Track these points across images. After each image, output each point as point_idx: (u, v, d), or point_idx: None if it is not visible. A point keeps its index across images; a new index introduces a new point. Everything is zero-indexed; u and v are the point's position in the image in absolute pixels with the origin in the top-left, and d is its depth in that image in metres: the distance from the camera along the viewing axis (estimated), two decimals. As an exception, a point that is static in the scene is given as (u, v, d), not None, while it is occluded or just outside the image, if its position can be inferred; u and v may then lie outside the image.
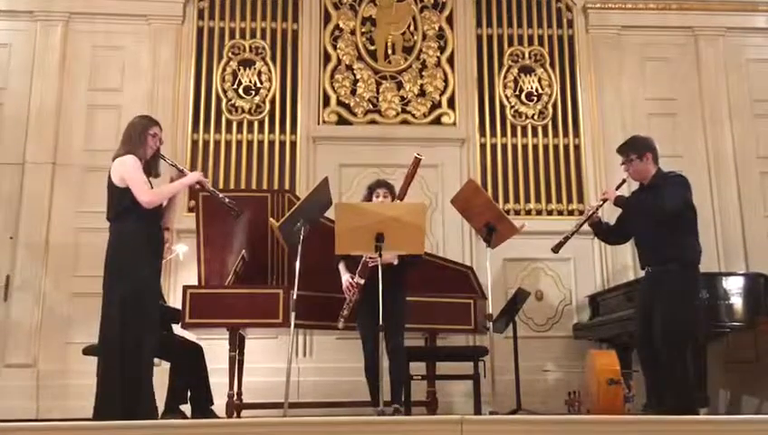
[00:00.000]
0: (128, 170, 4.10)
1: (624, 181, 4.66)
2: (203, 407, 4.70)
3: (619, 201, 4.57)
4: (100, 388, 4.00)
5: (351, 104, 6.72)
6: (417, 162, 4.60)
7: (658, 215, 4.37)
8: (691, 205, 4.48)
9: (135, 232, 4.09)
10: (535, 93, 6.87)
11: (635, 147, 4.57)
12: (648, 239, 4.51)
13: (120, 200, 4.11)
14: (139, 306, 3.99)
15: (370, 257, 4.38)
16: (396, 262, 4.51)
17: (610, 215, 5.18)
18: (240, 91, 6.68)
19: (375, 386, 4.24)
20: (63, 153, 6.40)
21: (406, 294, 4.61)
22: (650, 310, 4.39)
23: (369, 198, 4.69)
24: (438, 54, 6.87)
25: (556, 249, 4.77)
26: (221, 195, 4.38)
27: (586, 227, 4.84)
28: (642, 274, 4.71)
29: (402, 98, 6.77)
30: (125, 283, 4.01)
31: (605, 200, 4.65)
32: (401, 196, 4.63)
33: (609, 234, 4.87)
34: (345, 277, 4.55)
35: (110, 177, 4.17)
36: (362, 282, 4.41)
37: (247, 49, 6.77)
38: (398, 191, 4.67)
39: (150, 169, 4.29)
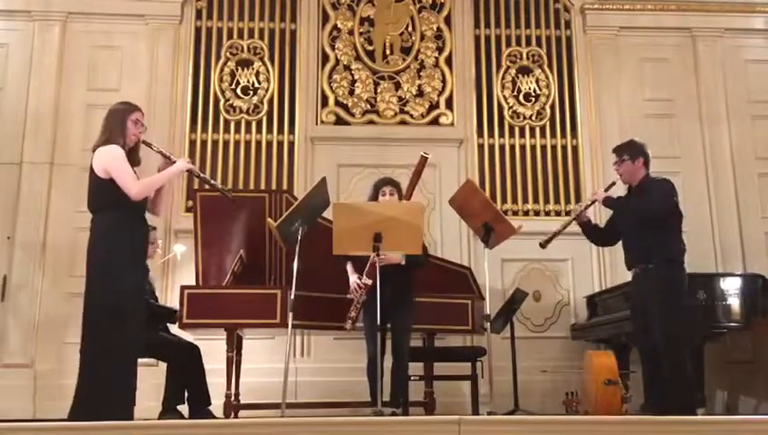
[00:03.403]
0: (112, 162, 3.91)
1: (614, 184, 4.78)
2: (200, 407, 4.69)
3: (607, 202, 4.71)
4: (78, 390, 3.83)
5: (349, 104, 6.72)
6: (423, 161, 4.59)
7: (643, 215, 4.49)
8: (676, 209, 4.58)
9: (116, 228, 3.90)
10: (533, 94, 6.87)
11: (629, 149, 4.71)
12: (632, 240, 4.62)
13: (102, 192, 3.92)
14: (123, 309, 3.82)
15: (378, 257, 4.35)
16: (403, 262, 4.49)
17: (603, 219, 5.18)
18: (238, 91, 6.68)
19: (375, 386, 4.22)
20: (61, 153, 6.39)
21: (414, 294, 4.60)
22: (644, 311, 4.45)
23: (375, 196, 4.64)
24: (436, 55, 6.87)
25: (544, 245, 4.86)
26: (213, 181, 4.27)
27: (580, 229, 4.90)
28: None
29: (400, 98, 6.77)
30: (109, 284, 3.84)
31: (594, 201, 4.80)
32: (408, 195, 4.63)
33: (598, 235, 4.97)
34: (353, 278, 4.51)
35: (91, 167, 3.98)
36: (370, 283, 4.32)
37: (245, 49, 6.77)
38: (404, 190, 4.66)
39: (131, 157, 4.05)
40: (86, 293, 3.92)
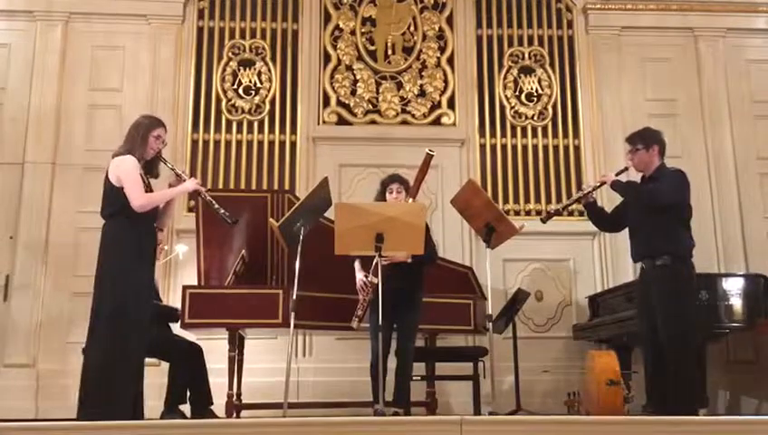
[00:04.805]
0: (125, 171, 4.06)
1: (626, 169, 4.62)
2: (202, 407, 4.69)
3: (615, 185, 4.56)
4: (83, 386, 3.96)
5: (351, 104, 6.72)
6: (428, 159, 4.57)
7: (653, 201, 4.38)
8: (687, 201, 4.49)
9: (127, 233, 4.06)
10: (535, 94, 6.87)
11: (644, 137, 4.57)
12: (641, 230, 4.50)
13: (115, 199, 4.07)
14: (129, 310, 3.95)
15: (384, 256, 4.32)
16: (410, 260, 4.48)
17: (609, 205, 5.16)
18: (240, 91, 6.68)
19: (377, 385, 4.20)
20: (63, 153, 6.40)
21: (423, 294, 4.59)
22: (650, 308, 4.39)
23: (382, 194, 4.65)
24: (438, 55, 6.87)
25: (545, 219, 4.80)
26: (216, 205, 4.32)
27: (585, 228, 4.87)
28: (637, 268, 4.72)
29: (402, 98, 6.77)
30: (116, 286, 3.98)
31: (602, 183, 4.66)
32: (414, 193, 4.61)
33: (602, 219, 4.85)
34: (359, 276, 4.52)
35: (107, 174, 4.14)
36: (376, 281, 4.30)
37: (247, 49, 6.78)
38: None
39: (150, 169, 4.26)
40: (95, 297, 4.05)
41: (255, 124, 6.64)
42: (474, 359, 5.22)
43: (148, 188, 4.20)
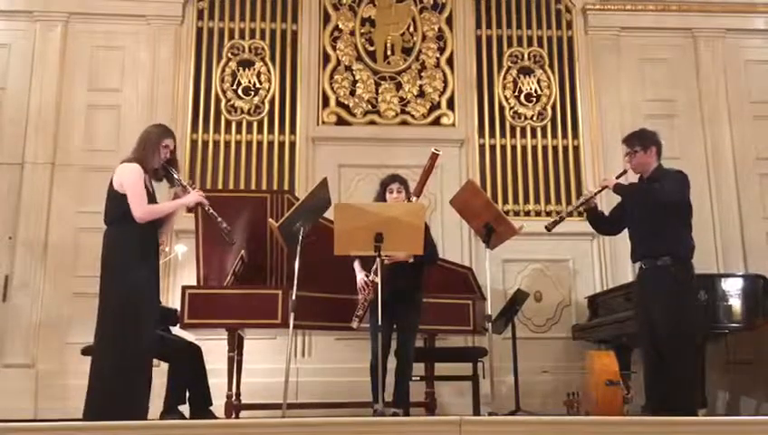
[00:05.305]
0: (129, 179, 4.09)
1: (625, 172, 4.64)
2: (201, 407, 4.69)
3: (617, 189, 4.57)
4: (91, 389, 4.00)
5: (351, 105, 6.73)
6: (434, 158, 4.57)
7: (655, 200, 4.37)
8: (688, 201, 4.49)
9: (129, 238, 4.09)
10: (534, 94, 6.87)
11: (642, 139, 4.57)
12: (641, 231, 4.50)
13: (118, 206, 4.10)
14: (133, 312, 3.99)
15: (386, 256, 4.31)
16: (411, 259, 4.48)
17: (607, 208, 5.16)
18: (239, 91, 6.69)
19: (377, 385, 4.20)
20: (63, 153, 6.40)
21: (423, 294, 4.59)
22: (649, 309, 4.39)
23: (382, 194, 4.63)
24: (438, 55, 6.87)
25: (550, 227, 4.79)
26: (219, 219, 4.34)
27: (584, 229, 4.87)
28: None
29: (401, 99, 6.77)
30: (120, 289, 4.02)
31: (604, 187, 4.65)
32: (417, 192, 4.61)
33: (602, 222, 4.85)
34: (360, 276, 4.51)
35: (111, 179, 4.16)
36: (377, 280, 4.28)
37: (247, 49, 6.78)
38: (413, 188, 4.64)
39: (167, 178, 4.30)
40: (100, 299, 4.09)
41: (255, 124, 6.64)
42: (473, 359, 5.23)
43: (152, 198, 4.22)
